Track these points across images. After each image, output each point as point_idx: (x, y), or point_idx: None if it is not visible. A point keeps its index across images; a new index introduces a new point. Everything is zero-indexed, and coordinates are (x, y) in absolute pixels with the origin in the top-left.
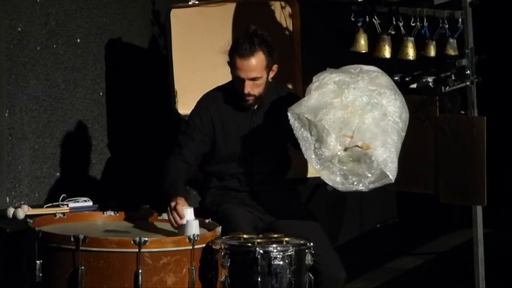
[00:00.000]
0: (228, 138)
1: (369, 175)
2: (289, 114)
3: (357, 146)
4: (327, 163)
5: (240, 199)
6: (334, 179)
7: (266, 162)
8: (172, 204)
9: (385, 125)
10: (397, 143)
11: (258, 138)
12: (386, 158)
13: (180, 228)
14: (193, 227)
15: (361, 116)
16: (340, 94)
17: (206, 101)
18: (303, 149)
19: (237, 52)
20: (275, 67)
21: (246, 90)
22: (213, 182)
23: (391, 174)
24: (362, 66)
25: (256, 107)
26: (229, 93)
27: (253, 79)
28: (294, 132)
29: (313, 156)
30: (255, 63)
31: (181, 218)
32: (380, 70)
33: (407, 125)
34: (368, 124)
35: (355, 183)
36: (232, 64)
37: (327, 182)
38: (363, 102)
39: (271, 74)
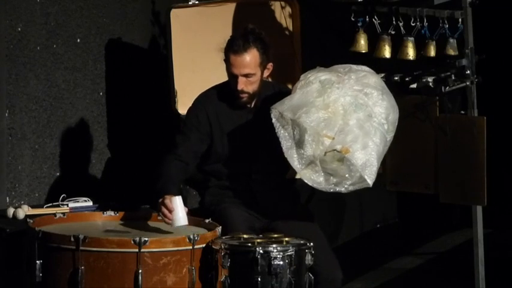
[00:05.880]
0: (224, 136)
1: (349, 178)
2: (271, 112)
3: (336, 150)
4: (310, 162)
5: (238, 198)
6: (316, 179)
7: (264, 161)
8: (160, 200)
9: (369, 127)
10: (379, 146)
11: (254, 137)
12: (365, 162)
13: (172, 220)
14: (182, 215)
15: (344, 116)
16: (323, 93)
17: (202, 100)
18: (283, 148)
19: (231, 48)
20: (270, 65)
21: (239, 87)
22: (211, 182)
23: (369, 178)
24: (352, 65)
25: (253, 105)
26: (226, 92)
27: (247, 76)
28: (276, 131)
29: (295, 156)
30: (248, 60)
31: (170, 211)
32: (370, 70)
33: (397, 125)
34: (351, 125)
35: (336, 184)
36: (226, 61)
37: (306, 181)
38: (346, 103)
39: (266, 73)
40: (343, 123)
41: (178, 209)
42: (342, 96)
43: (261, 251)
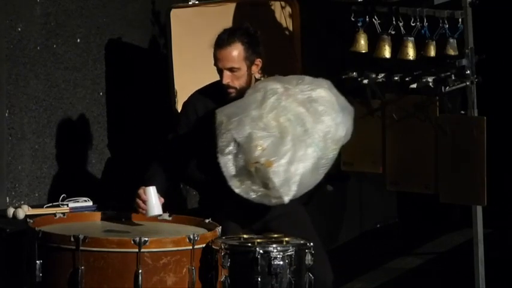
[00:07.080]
0: (215, 133)
1: (272, 191)
2: (216, 115)
3: (259, 162)
4: (241, 171)
5: (233, 197)
6: (243, 189)
7: None
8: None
9: (301, 142)
10: (306, 163)
11: None
12: (285, 178)
13: (146, 210)
14: (156, 205)
15: (280, 129)
16: (263, 103)
17: (193, 98)
18: (218, 154)
19: (216, 43)
20: (259, 61)
21: (225, 81)
22: (207, 181)
23: (286, 195)
24: (308, 77)
25: None
26: (217, 89)
27: (231, 70)
28: (217, 133)
29: (228, 163)
30: (233, 54)
31: (143, 200)
32: (326, 84)
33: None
34: (286, 139)
35: (262, 196)
36: (214, 55)
37: (234, 189)
38: (283, 115)
39: (255, 68)
40: (279, 136)
41: (152, 198)
42: (280, 108)
43: (261, 251)
